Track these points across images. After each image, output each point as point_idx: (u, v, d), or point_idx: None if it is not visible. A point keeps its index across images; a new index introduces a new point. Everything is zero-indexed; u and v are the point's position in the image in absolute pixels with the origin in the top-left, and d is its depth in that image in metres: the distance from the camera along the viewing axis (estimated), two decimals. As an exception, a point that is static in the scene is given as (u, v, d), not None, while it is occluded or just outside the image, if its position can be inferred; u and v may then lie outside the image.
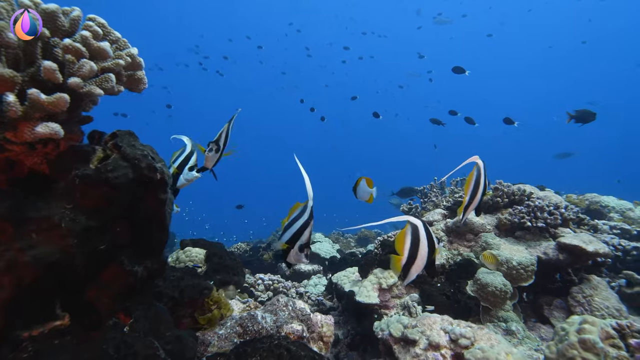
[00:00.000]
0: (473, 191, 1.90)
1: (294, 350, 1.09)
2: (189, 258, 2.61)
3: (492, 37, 16.39)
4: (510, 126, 5.17)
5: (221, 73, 17.72)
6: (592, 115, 4.35)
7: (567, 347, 1.52)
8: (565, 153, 10.22)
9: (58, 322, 1.00)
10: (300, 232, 1.24)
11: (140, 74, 1.21)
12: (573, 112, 4.34)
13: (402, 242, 1.43)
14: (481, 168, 1.88)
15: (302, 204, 1.29)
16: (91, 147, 1.10)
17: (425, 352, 1.69)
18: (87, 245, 0.98)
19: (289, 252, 1.26)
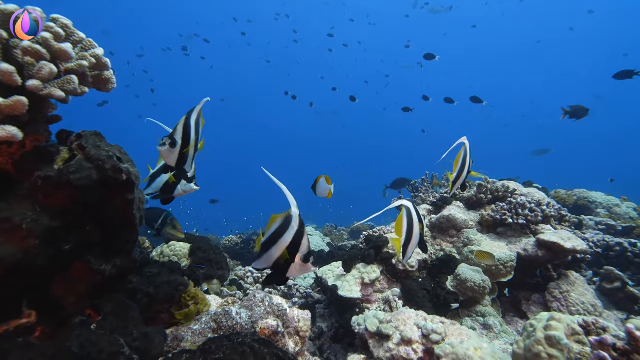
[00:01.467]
0: (460, 168, 2.06)
1: (257, 348, 1.11)
2: (174, 252, 2.63)
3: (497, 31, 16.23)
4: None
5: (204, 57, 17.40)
6: (585, 110, 4.38)
7: (534, 343, 1.56)
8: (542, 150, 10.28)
9: (24, 320, 1.02)
10: (297, 244, 1.13)
11: (107, 74, 1.21)
12: (568, 107, 4.36)
13: (400, 225, 1.65)
14: (467, 147, 2.03)
15: (281, 215, 1.16)
16: (56, 147, 1.11)
17: (397, 346, 1.73)
18: (51, 245, 0.99)
19: (289, 268, 1.15)
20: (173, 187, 1.59)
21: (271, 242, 1.14)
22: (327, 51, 17.92)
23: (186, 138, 1.28)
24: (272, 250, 1.14)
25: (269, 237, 1.15)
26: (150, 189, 1.54)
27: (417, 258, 2.78)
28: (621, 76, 4.26)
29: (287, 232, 1.13)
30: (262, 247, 1.17)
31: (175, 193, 1.68)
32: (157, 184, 1.59)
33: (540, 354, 1.51)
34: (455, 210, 3.07)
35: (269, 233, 1.15)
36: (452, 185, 2.11)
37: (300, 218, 1.15)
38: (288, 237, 1.13)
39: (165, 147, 1.26)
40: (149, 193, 1.63)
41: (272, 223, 1.16)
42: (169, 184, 1.54)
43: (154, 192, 1.62)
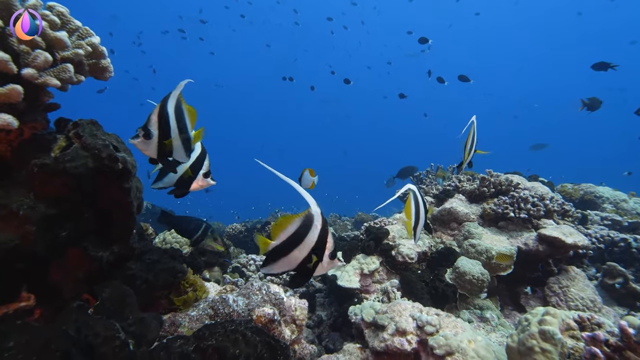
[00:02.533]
0: (470, 145, 2.15)
1: (249, 335, 1.14)
2: (175, 239, 2.68)
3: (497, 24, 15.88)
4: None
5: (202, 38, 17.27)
6: (599, 102, 4.33)
7: (528, 337, 1.56)
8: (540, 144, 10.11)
9: (23, 303, 1.06)
10: (323, 243, 1.08)
11: (104, 62, 1.22)
12: (586, 99, 4.32)
13: (409, 209, 1.74)
14: (474, 126, 2.12)
15: (298, 216, 1.10)
16: (54, 135, 1.12)
17: (392, 337, 1.75)
18: (48, 232, 1.01)
19: (316, 267, 1.11)
20: (189, 181, 1.48)
21: (291, 244, 1.08)
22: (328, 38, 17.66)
23: (164, 128, 1.15)
24: (295, 252, 1.08)
25: (287, 239, 1.08)
26: (161, 183, 1.43)
27: (416, 250, 2.78)
28: (598, 67, 4.34)
29: (311, 231, 1.08)
30: (277, 251, 1.10)
31: (191, 188, 1.57)
32: (170, 179, 1.45)
33: (534, 347, 1.52)
34: (457, 203, 3.06)
35: (285, 235, 1.08)
36: (464, 161, 2.19)
37: (323, 215, 1.10)
38: (313, 236, 1.08)
39: (138, 140, 1.13)
40: (160, 187, 1.51)
41: (288, 224, 1.09)
42: (184, 178, 1.44)
43: (165, 186, 1.50)
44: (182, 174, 1.46)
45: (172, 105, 1.15)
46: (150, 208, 7.63)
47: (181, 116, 1.20)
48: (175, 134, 1.18)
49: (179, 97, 1.18)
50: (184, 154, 1.26)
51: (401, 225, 3.19)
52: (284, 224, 1.09)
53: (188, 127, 1.23)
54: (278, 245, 1.09)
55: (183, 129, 1.21)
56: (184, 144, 1.24)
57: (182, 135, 1.21)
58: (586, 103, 4.28)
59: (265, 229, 5.50)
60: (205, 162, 1.48)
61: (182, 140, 1.22)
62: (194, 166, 1.45)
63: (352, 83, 8.24)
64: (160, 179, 1.44)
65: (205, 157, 1.48)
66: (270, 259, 1.11)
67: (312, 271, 1.12)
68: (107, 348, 1.03)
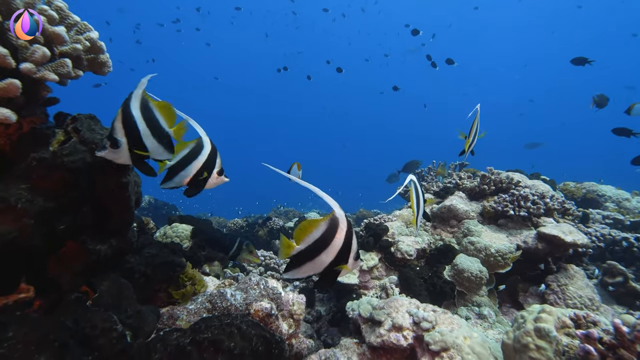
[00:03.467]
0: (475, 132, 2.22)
1: (244, 329, 1.15)
2: (176, 234, 2.69)
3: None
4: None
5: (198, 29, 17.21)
6: (606, 99, 4.34)
7: (523, 334, 1.57)
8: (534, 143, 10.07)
9: (23, 295, 1.07)
10: (348, 246, 1.10)
11: (103, 57, 1.22)
12: (596, 96, 4.32)
13: (413, 199, 1.90)
14: (477, 113, 2.21)
15: (322, 220, 1.10)
16: (53, 129, 1.13)
17: (388, 332, 1.76)
18: (46, 225, 1.03)
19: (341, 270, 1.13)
20: (204, 181, 1.42)
21: (317, 248, 1.08)
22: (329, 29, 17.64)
23: (132, 132, 1.06)
24: (322, 257, 1.08)
25: (313, 243, 1.08)
26: (172, 183, 1.36)
27: (415, 247, 2.79)
28: (576, 62, 4.51)
29: (337, 235, 1.08)
30: (302, 255, 1.09)
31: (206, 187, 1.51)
32: (180, 178, 1.41)
33: (529, 344, 1.52)
34: (457, 200, 3.05)
35: (311, 239, 1.08)
36: (467, 147, 2.26)
37: (347, 218, 1.11)
38: (339, 240, 1.08)
39: (104, 151, 1.03)
40: (171, 187, 1.45)
41: (313, 228, 1.09)
42: (199, 178, 1.38)
43: (176, 186, 1.45)
44: (196, 172, 1.37)
45: (136, 106, 1.07)
46: (152, 202, 7.68)
47: (151, 115, 1.12)
48: (147, 134, 1.10)
49: (143, 96, 1.09)
50: (165, 151, 1.20)
51: (401, 222, 3.20)
52: (309, 228, 1.09)
53: (162, 124, 1.16)
54: (303, 249, 1.08)
55: (156, 128, 1.13)
56: (162, 142, 1.17)
57: (158, 134, 1.14)
58: (596, 100, 4.28)
59: (266, 225, 5.53)
60: (217, 160, 1.43)
61: (159, 138, 1.15)
62: (208, 165, 1.39)
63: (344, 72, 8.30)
64: (170, 179, 1.35)
65: (217, 155, 1.43)
66: (295, 263, 1.10)
67: (338, 274, 1.14)
68: (104, 340, 1.05)
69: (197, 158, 1.34)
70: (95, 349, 1.05)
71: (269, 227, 5.47)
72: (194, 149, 1.34)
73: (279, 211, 8.36)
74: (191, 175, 1.35)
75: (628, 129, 3.74)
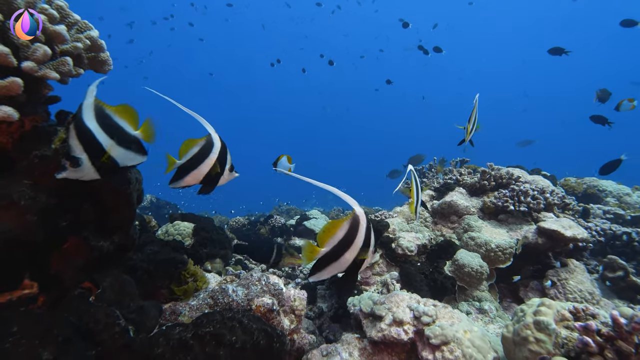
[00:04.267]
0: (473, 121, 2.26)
1: (245, 323, 1.16)
2: (177, 231, 2.71)
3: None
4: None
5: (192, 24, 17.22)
6: (608, 94, 4.37)
7: (523, 327, 1.58)
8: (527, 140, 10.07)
9: (26, 291, 1.09)
10: (369, 241, 1.14)
11: (103, 55, 1.23)
12: (599, 91, 4.35)
13: (412, 189, 2.00)
14: (476, 103, 2.23)
15: (345, 220, 1.14)
16: (54, 127, 1.15)
17: (389, 327, 1.77)
18: (48, 222, 1.04)
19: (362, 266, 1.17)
20: (217, 177, 1.41)
21: (342, 248, 1.11)
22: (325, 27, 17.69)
23: (92, 146, 0.99)
24: (346, 256, 1.12)
25: (338, 244, 1.11)
26: (182, 182, 1.33)
27: (416, 243, 2.80)
28: (554, 52, 4.68)
29: (359, 232, 1.11)
30: (327, 257, 1.12)
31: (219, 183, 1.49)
32: (192, 177, 1.34)
33: (528, 337, 1.53)
34: (457, 196, 3.06)
35: (335, 240, 1.11)
36: (467, 135, 2.28)
37: (366, 214, 1.14)
38: (361, 237, 1.11)
39: (65, 172, 0.97)
40: (182, 186, 1.43)
41: (336, 229, 1.12)
42: (211, 175, 1.36)
43: (187, 185, 1.42)
44: (209, 170, 1.35)
45: (90, 117, 0.99)
46: (154, 201, 7.71)
47: (110, 122, 1.04)
48: (110, 144, 1.02)
49: (96, 104, 1.02)
50: (137, 155, 1.14)
51: (401, 218, 3.21)
52: (332, 230, 1.12)
53: (126, 129, 1.09)
54: (328, 251, 1.11)
55: (120, 134, 1.06)
56: (130, 147, 1.10)
57: (123, 141, 1.07)
58: (599, 95, 4.30)
59: (268, 222, 5.54)
60: (228, 156, 1.41)
61: (126, 145, 1.08)
62: (219, 161, 1.37)
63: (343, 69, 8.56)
64: (181, 178, 1.32)
65: (227, 151, 1.41)
66: (320, 266, 1.13)
67: (359, 269, 1.17)
68: (107, 334, 1.07)
69: (209, 156, 1.32)
70: (98, 343, 1.06)
71: (271, 225, 5.49)
72: (205, 147, 1.32)
73: (280, 209, 8.38)
74: (204, 173, 1.34)
75: (604, 117, 3.90)
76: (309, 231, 5.31)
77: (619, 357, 1.26)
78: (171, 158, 1.27)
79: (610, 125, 3.82)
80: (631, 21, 4.47)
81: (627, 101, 3.70)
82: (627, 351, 1.23)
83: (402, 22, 6.91)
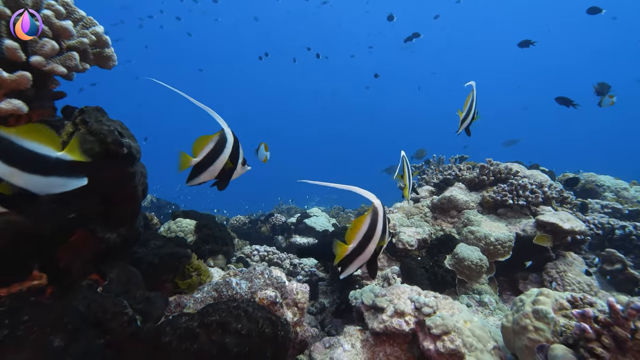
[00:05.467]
0: (468, 109, 2.15)
1: (251, 311, 1.19)
2: (180, 228, 2.73)
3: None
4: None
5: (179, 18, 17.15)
6: (607, 88, 4.40)
7: (522, 317, 1.61)
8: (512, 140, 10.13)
9: (36, 282, 1.11)
10: (385, 230, 1.23)
11: (108, 51, 1.26)
12: (597, 85, 4.39)
13: (405, 172, 2.08)
14: (473, 89, 2.13)
15: (368, 214, 1.21)
16: (61, 122, 1.17)
17: (390, 318, 1.80)
18: (56, 214, 1.07)
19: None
20: (230, 172, 1.42)
21: (367, 241, 1.19)
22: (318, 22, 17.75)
23: None
24: (370, 247, 1.19)
25: (363, 238, 1.18)
26: (199, 179, 1.33)
27: (416, 237, 2.83)
28: (522, 45, 4.94)
29: (379, 223, 1.19)
30: (354, 252, 1.19)
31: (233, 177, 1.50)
32: (209, 173, 1.35)
33: (527, 326, 1.56)
34: (456, 191, 3.09)
35: (360, 235, 1.18)
36: (461, 124, 2.19)
37: (382, 204, 1.22)
38: (380, 226, 1.19)
39: None
40: (199, 183, 1.38)
41: (361, 225, 1.19)
42: (225, 169, 1.38)
43: (204, 181, 1.39)
44: (224, 165, 1.37)
45: None
46: (155, 202, 7.73)
47: (14, 148, 0.85)
48: (8, 172, 0.85)
49: None
50: (66, 180, 0.98)
51: (401, 214, 3.23)
52: (357, 226, 1.19)
53: (39, 151, 0.89)
54: (355, 247, 1.18)
55: (26, 159, 0.88)
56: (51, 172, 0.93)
57: (33, 166, 0.89)
58: (597, 88, 4.33)
59: (269, 221, 5.57)
60: (240, 150, 1.42)
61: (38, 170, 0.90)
62: (232, 156, 1.38)
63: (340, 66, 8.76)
64: (198, 175, 1.32)
65: (239, 145, 1.41)
66: (348, 261, 1.21)
67: (378, 254, 1.24)
68: (116, 323, 1.09)
69: (223, 151, 1.33)
70: (107, 332, 1.09)
71: (272, 223, 5.52)
72: (219, 142, 1.33)
73: (280, 208, 8.40)
74: (220, 168, 1.35)
75: (569, 98, 4.05)
76: (310, 229, 5.34)
77: (616, 342, 1.28)
78: (185, 156, 1.28)
79: (576, 106, 3.96)
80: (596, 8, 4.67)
81: (608, 97, 3.85)
82: (623, 336, 1.26)
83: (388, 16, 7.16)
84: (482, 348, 1.62)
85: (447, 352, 1.58)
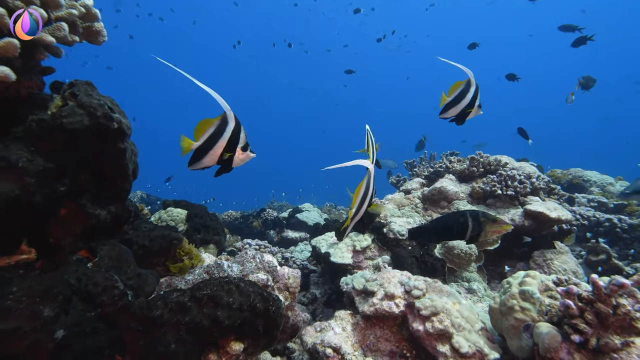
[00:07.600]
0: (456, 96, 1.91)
1: (242, 286, 1.19)
2: (171, 217, 2.71)
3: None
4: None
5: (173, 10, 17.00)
6: (593, 81, 4.47)
7: (509, 297, 1.64)
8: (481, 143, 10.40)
9: (24, 256, 1.10)
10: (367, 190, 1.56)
11: (98, 25, 1.25)
12: (582, 78, 4.45)
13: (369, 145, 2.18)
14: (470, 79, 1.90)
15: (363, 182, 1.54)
16: (50, 95, 1.16)
17: (381, 301, 1.82)
18: (46, 185, 1.06)
19: None
20: (229, 160, 1.38)
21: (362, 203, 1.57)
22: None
23: None
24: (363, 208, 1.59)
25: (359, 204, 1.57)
26: (201, 164, 1.31)
27: (407, 227, 2.85)
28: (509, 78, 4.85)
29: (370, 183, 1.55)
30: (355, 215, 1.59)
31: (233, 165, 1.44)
32: (210, 157, 1.32)
33: (514, 306, 1.59)
34: (447, 182, 3.13)
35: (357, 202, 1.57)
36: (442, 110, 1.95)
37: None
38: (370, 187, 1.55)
39: None
40: (201, 167, 1.35)
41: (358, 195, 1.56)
42: (224, 158, 1.34)
43: (206, 166, 1.36)
44: (222, 152, 1.33)
45: None
46: (145, 197, 7.65)
47: None
48: None
49: None
50: None
51: (393, 205, 3.26)
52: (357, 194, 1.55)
53: None
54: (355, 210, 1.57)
55: None
56: None
57: None
58: (581, 82, 4.40)
59: (260, 216, 5.56)
60: (242, 135, 1.35)
61: None
62: (231, 141, 1.33)
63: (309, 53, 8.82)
64: (200, 159, 1.29)
65: (241, 129, 1.35)
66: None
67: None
68: (106, 296, 1.09)
69: (222, 135, 1.29)
70: (97, 305, 1.08)
71: (264, 217, 5.51)
72: (219, 126, 1.29)
73: (272, 206, 8.40)
74: (219, 153, 1.32)
75: (515, 74, 4.40)
76: (302, 223, 5.34)
77: (598, 319, 1.32)
78: (186, 139, 1.25)
79: (518, 79, 4.30)
80: (571, 26, 4.64)
81: (570, 95, 4.23)
82: (605, 312, 1.30)
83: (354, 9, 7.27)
84: (470, 328, 1.65)
85: (435, 332, 1.60)
